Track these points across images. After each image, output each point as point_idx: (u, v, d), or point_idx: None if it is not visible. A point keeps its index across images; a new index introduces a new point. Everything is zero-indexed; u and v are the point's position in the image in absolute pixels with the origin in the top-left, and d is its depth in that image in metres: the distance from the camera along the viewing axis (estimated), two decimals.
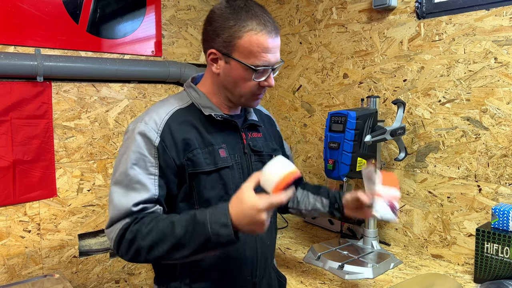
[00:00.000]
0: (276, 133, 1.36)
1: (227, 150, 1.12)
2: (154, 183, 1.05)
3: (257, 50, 1.04)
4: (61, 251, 1.98)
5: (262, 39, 1.04)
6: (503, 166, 1.47)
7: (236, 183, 1.12)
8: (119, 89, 2.13)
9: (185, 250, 0.97)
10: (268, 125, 1.32)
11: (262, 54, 1.04)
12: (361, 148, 1.56)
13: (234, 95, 1.13)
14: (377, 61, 1.85)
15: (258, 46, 1.04)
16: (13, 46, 1.80)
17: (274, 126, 1.37)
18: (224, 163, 1.11)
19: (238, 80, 1.09)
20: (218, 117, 1.12)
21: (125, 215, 1.03)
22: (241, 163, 1.15)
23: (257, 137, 1.23)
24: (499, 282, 1.33)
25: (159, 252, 0.99)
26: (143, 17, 2.18)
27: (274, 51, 1.06)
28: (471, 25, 1.53)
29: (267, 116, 1.36)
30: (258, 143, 1.21)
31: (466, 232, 1.58)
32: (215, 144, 1.11)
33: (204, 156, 1.09)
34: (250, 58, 1.05)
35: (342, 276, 1.50)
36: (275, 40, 1.06)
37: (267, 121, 1.33)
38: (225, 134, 1.15)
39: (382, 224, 1.85)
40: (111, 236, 1.05)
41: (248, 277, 1.17)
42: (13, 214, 1.84)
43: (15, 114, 1.80)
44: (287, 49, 2.30)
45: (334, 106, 2.05)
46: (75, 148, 1.99)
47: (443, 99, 1.63)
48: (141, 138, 1.07)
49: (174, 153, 1.07)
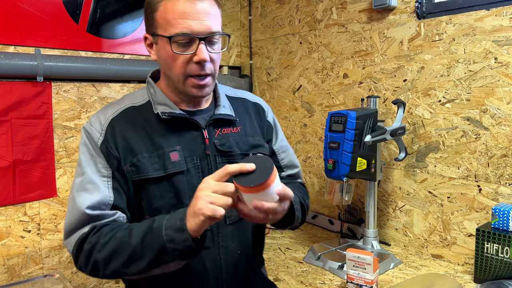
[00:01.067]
0: (266, 124, 1.18)
1: (181, 153, 0.99)
2: (107, 185, 0.96)
3: (172, 17, 0.92)
4: (61, 251, 1.98)
5: (177, 3, 0.92)
6: (503, 166, 1.47)
7: (194, 189, 0.89)
8: (119, 89, 2.13)
9: (141, 262, 0.86)
10: (254, 116, 1.16)
11: (178, 21, 0.92)
12: (361, 148, 1.56)
13: (173, 81, 1.00)
14: (377, 61, 1.85)
15: (173, 12, 0.92)
16: (13, 46, 1.80)
17: (263, 115, 1.19)
18: (176, 168, 0.98)
19: (166, 59, 0.97)
20: (165, 116, 0.99)
21: (81, 221, 0.93)
22: (201, 167, 1.01)
23: (230, 133, 1.07)
24: (499, 282, 1.33)
25: (115, 265, 0.88)
26: (143, 17, 2.19)
27: (197, 17, 0.92)
28: (471, 25, 1.53)
29: (255, 105, 1.18)
30: (229, 141, 1.06)
31: (466, 232, 1.58)
32: (165, 147, 0.99)
33: (152, 160, 0.97)
34: (167, 29, 0.93)
35: (342, 276, 1.50)
36: (197, 4, 0.92)
37: (253, 111, 1.17)
38: (181, 134, 1.01)
39: (382, 224, 1.85)
40: (69, 248, 0.95)
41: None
42: (13, 214, 1.84)
43: (15, 114, 1.80)
44: (287, 49, 2.30)
45: (334, 106, 2.05)
46: (75, 148, 1.99)
47: (443, 99, 1.63)
48: (87, 139, 0.99)
49: (118, 155, 0.98)
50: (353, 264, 1.34)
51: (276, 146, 1.19)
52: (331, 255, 1.64)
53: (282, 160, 1.19)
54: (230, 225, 1.05)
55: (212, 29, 0.95)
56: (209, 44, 0.96)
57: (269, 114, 1.21)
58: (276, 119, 1.25)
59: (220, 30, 0.98)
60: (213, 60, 0.98)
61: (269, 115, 1.21)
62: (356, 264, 1.33)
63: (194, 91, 0.99)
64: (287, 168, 1.21)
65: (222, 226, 1.04)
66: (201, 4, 0.93)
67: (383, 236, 1.85)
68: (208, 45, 0.96)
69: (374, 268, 1.31)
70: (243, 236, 1.09)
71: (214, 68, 0.99)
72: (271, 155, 1.18)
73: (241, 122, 1.11)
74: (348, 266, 1.36)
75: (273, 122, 1.22)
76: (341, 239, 1.85)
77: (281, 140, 1.22)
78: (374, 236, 1.72)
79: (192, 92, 0.99)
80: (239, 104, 1.14)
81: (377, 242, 1.72)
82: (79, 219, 0.94)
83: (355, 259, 1.34)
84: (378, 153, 1.69)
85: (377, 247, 1.71)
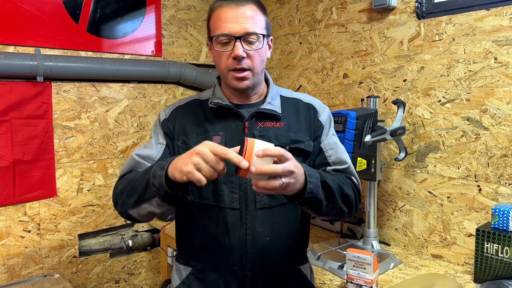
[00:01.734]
0: (316, 123, 1.25)
1: (223, 138, 1.16)
2: (160, 148, 1.19)
3: (217, 23, 1.10)
4: (61, 251, 1.98)
5: (220, 11, 1.10)
6: (503, 166, 1.47)
7: (229, 169, 1.04)
8: (119, 89, 2.13)
9: (136, 192, 1.04)
10: (304, 115, 1.24)
11: (220, 24, 1.09)
12: (361, 148, 1.56)
13: (222, 76, 1.17)
14: (377, 61, 1.85)
15: (218, 19, 1.10)
16: (13, 46, 1.80)
17: (314, 115, 1.26)
18: None
19: (215, 58, 1.15)
20: (212, 104, 1.18)
21: (128, 165, 1.18)
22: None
23: (272, 127, 1.18)
24: (499, 282, 1.33)
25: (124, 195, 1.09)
26: (143, 17, 2.19)
27: (235, 20, 1.08)
28: (471, 25, 1.53)
29: (307, 105, 1.27)
30: (269, 133, 1.17)
31: (466, 232, 1.58)
32: (211, 131, 1.17)
33: (198, 141, 1.05)
34: (214, 32, 1.12)
35: (342, 276, 1.50)
36: (235, 10, 1.09)
37: (304, 110, 1.25)
38: (226, 122, 1.18)
39: (382, 224, 1.85)
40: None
41: (234, 267, 1.15)
42: (13, 214, 1.84)
43: (15, 114, 1.80)
44: (287, 49, 2.30)
45: (334, 106, 2.05)
46: (75, 148, 1.99)
47: (443, 99, 1.63)
48: (157, 119, 1.27)
49: (175, 132, 1.20)
50: (353, 264, 1.34)
51: (324, 144, 1.25)
52: (331, 255, 1.65)
53: (329, 156, 1.24)
54: (260, 209, 1.16)
55: (248, 30, 1.09)
56: (247, 43, 1.10)
57: (323, 114, 1.27)
58: (331, 118, 1.30)
59: (257, 31, 1.10)
60: (251, 57, 1.11)
61: (322, 115, 1.27)
62: (356, 264, 1.34)
63: (234, 83, 1.13)
64: (334, 164, 1.24)
65: (251, 209, 1.15)
66: (240, 10, 1.09)
67: (383, 236, 1.85)
68: (245, 44, 1.09)
69: (374, 268, 1.31)
70: (273, 223, 1.17)
71: (252, 64, 1.12)
72: (319, 152, 1.24)
73: (286, 118, 1.21)
74: (348, 266, 1.36)
75: (326, 121, 1.27)
76: (341, 239, 1.85)
77: (330, 138, 1.27)
78: (374, 236, 1.72)
79: (233, 84, 1.14)
80: (290, 103, 1.25)
81: (377, 242, 1.72)
82: (128, 163, 1.19)
83: (355, 259, 1.34)
84: (378, 153, 1.69)
85: (377, 247, 1.71)
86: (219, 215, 1.15)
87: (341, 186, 1.13)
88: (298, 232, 1.25)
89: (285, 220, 1.20)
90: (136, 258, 2.27)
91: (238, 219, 1.14)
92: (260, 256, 1.16)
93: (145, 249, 2.30)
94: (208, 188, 1.15)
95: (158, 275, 2.36)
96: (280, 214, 1.18)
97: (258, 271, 1.16)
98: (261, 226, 1.15)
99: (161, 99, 2.29)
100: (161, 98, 2.29)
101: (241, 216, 1.14)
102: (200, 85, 2.33)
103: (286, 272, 1.23)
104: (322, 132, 1.25)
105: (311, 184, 0.99)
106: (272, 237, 1.17)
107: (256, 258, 1.15)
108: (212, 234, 1.16)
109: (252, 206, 1.15)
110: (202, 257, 1.20)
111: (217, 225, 1.15)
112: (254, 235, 1.15)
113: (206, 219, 1.17)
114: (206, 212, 1.16)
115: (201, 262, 1.20)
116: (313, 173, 1.02)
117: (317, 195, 1.01)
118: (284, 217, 1.19)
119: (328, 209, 1.07)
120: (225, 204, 1.14)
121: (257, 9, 1.13)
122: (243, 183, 1.14)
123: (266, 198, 1.15)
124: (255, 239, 1.15)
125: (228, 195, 1.14)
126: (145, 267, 2.32)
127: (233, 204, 1.14)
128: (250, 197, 1.14)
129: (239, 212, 1.14)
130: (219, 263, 1.17)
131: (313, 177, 1.01)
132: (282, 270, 1.21)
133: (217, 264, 1.17)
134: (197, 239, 1.19)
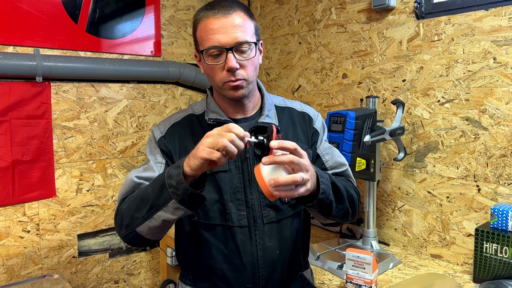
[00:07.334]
0: (311, 130, 1.27)
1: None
2: (159, 167, 1.14)
3: (205, 34, 1.06)
4: (60, 251, 1.98)
5: (207, 22, 1.06)
6: (502, 166, 1.48)
7: (234, 187, 1.13)
8: (118, 89, 2.13)
9: (147, 201, 0.99)
10: (300, 124, 1.25)
11: (208, 36, 1.05)
12: (360, 148, 1.56)
13: (217, 90, 1.14)
14: (376, 61, 1.85)
15: (206, 30, 1.06)
16: (12, 46, 1.80)
17: (309, 123, 1.27)
18: (220, 167, 1.07)
19: (207, 71, 1.12)
20: (211, 121, 1.15)
21: (128, 188, 1.11)
22: (242, 168, 1.14)
23: None
24: (498, 282, 1.33)
25: (131, 210, 1.03)
26: (142, 17, 2.19)
27: (224, 30, 1.04)
28: (470, 25, 1.54)
29: (301, 114, 1.28)
30: None
31: (465, 232, 1.58)
32: None
33: None
34: (203, 44, 1.07)
35: (341, 276, 1.50)
36: (222, 20, 1.04)
37: (299, 119, 1.26)
38: None
39: (382, 224, 1.85)
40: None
41: (247, 284, 1.15)
42: (12, 214, 1.84)
43: (14, 114, 1.80)
44: (286, 49, 2.30)
45: (333, 106, 2.05)
46: (74, 148, 1.99)
47: (442, 99, 1.63)
48: (151, 137, 1.22)
49: (176, 151, 1.16)
50: (352, 264, 1.34)
51: (320, 149, 1.26)
52: (330, 255, 1.65)
53: (327, 161, 1.25)
54: (268, 224, 1.15)
55: (239, 39, 1.05)
56: (239, 53, 1.06)
57: (317, 121, 1.29)
58: (325, 125, 1.32)
59: (248, 39, 1.07)
60: (244, 66, 1.08)
61: (316, 122, 1.28)
62: (356, 264, 1.34)
63: (231, 93, 1.10)
64: (332, 168, 1.24)
65: (259, 224, 1.15)
66: (228, 19, 1.05)
67: (382, 236, 1.85)
68: (237, 54, 1.06)
69: (374, 268, 1.32)
70: (281, 237, 1.17)
71: (246, 73, 1.09)
72: (316, 158, 1.24)
73: (284, 129, 1.21)
74: (348, 266, 1.36)
75: (320, 128, 1.29)
76: (340, 239, 1.85)
77: (324, 143, 1.29)
78: (373, 236, 1.72)
79: (229, 94, 1.10)
80: (285, 113, 1.25)
81: (376, 242, 1.72)
82: (127, 186, 1.12)
83: (355, 259, 1.34)
84: (377, 153, 1.69)
85: (377, 247, 1.71)
86: (227, 234, 1.14)
87: (346, 187, 1.14)
88: (302, 240, 1.27)
89: (290, 231, 1.20)
90: (135, 259, 2.27)
91: (248, 236, 1.14)
92: (271, 269, 1.17)
93: (144, 249, 2.30)
94: (214, 207, 1.13)
95: (158, 275, 2.36)
96: (286, 226, 1.19)
97: (270, 285, 1.17)
98: (269, 240, 1.16)
99: (161, 99, 2.29)
100: (160, 98, 2.29)
101: (250, 233, 1.14)
102: (199, 85, 2.33)
103: (293, 278, 1.24)
104: (317, 138, 1.27)
105: (323, 185, 0.99)
106: (281, 250, 1.18)
107: (267, 273, 1.16)
108: (222, 254, 1.15)
109: (259, 221, 1.15)
110: (213, 278, 1.17)
111: (226, 244, 1.14)
112: (264, 251, 1.15)
113: (214, 239, 1.15)
114: (213, 232, 1.15)
115: (211, 283, 1.18)
116: (323, 174, 1.03)
117: (329, 195, 1.01)
118: (289, 228, 1.20)
119: (337, 210, 1.08)
120: (233, 222, 1.13)
121: (245, 16, 1.09)
122: (250, 199, 1.14)
123: (273, 212, 1.16)
124: (265, 254, 1.15)
125: (236, 213, 1.13)
126: (145, 267, 2.31)
127: (242, 222, 1.13)
128: (257, 213, 1.14)
129: (248, 229, 1.14)
130: (231, 282, 1.15)
131: (324, 178, 1.01)
132: (289, 279, 1.23)
133: (229, 284, 1.15)
134: (206, 260, 1.17)
